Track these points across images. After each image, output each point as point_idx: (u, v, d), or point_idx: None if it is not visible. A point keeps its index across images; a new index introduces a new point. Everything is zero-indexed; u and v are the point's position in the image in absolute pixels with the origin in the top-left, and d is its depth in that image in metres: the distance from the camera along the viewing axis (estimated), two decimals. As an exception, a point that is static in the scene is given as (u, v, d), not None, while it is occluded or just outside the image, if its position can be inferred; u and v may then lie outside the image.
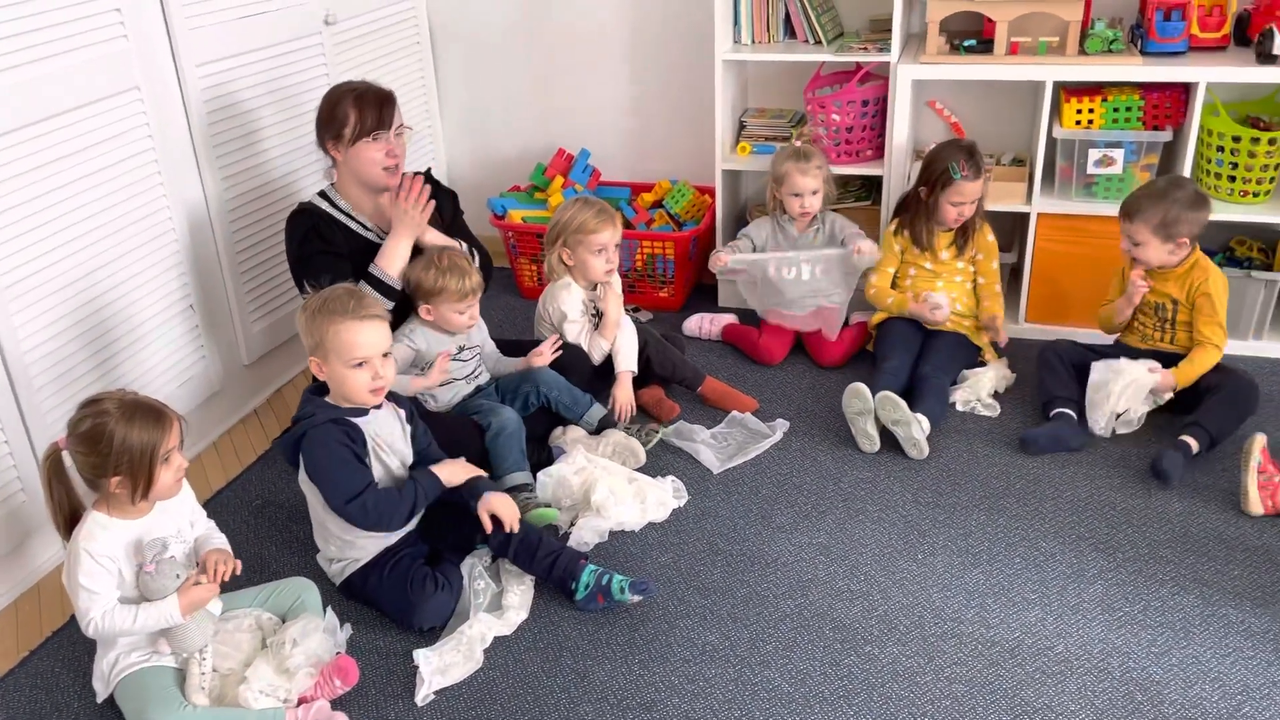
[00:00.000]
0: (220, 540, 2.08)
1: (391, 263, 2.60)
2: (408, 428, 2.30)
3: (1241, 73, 2.86)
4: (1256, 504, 2.41)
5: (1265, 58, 2.82)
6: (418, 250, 2.66)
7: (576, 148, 3.82)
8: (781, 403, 3.00)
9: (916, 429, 2.66)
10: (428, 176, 2.75)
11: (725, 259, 3.18)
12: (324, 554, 2.30)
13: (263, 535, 2.55)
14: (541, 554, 2.25)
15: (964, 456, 2.71)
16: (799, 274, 3.17)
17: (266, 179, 3.04)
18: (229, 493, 2.72)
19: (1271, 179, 2.99)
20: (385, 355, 2.17)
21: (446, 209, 2.85)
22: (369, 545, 2.23)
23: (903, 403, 2.68)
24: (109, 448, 1.84)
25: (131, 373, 2.62)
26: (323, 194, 2.71)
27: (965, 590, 2.26)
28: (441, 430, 2.42)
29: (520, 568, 2.29)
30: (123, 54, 2.51)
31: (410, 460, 2.29)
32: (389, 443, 2.23)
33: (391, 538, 2.25)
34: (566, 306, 2.87)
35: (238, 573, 1.99)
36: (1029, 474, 2.63)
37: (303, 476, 2.22)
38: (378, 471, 2.20)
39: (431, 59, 3.86)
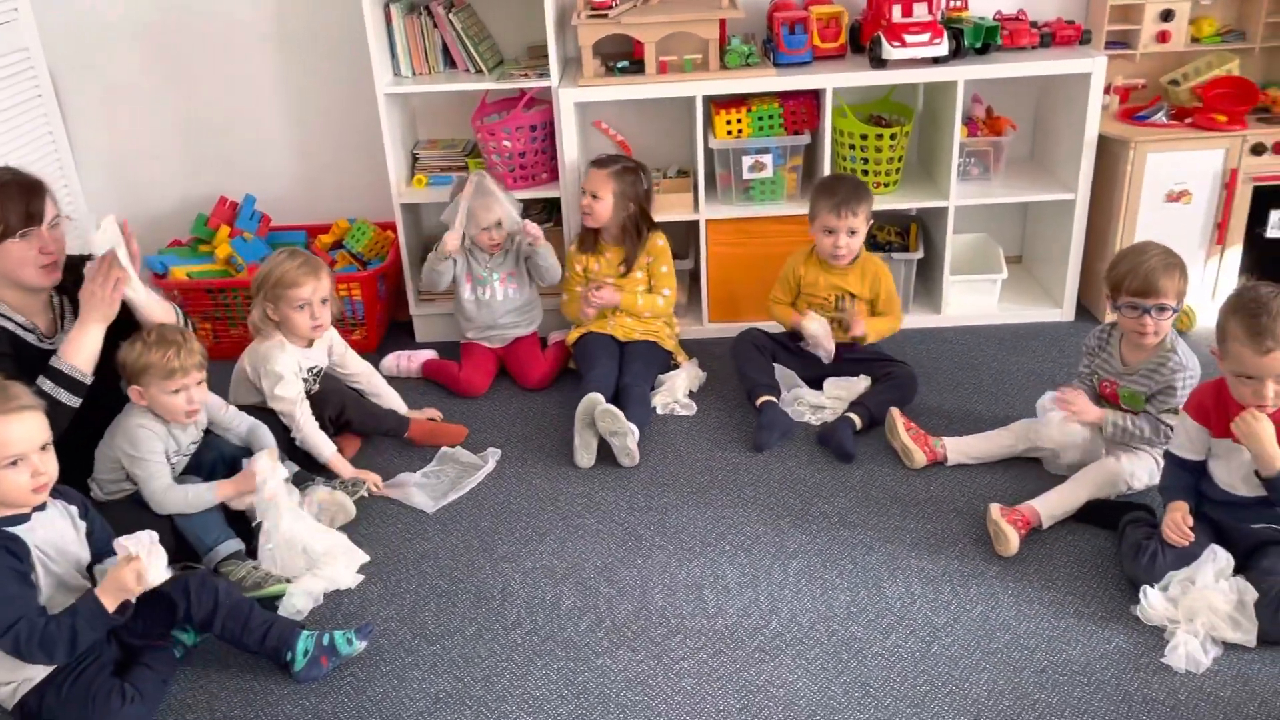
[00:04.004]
0: None
1: (79, 352, 2.27)
2: (81, 525, 2.06)
3: (859, 77, 3.18)
4: (919, 455, 2.69)
5: (877, 62, 3.15)
6: (127, 322, 2.39)
7: (240, 194, 3.61)
8: (491, 431, 2.98)
9: (630, 439, 2.75)
10: None
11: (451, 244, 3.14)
12: (-11, 676, 2.02)
13: (-91, 674, 2.20)
14: (254, 622, 2.10)
15: (669, 457, 2.82)
16: (494, 294, 3.19)
17: None
18: None
19: (898, 170, 3.35)
20: (44, 448, 1.93)
21: None
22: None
23: (621, 414, 2.75)
24: None
25: None
26: None
27: (684, 586, 2.35)
28: (121, 522, 2.16)
29: (229, 642, 2.11)
30: None
31: (86, 562, 2.04)
32: (59, 547, 1.98)
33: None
34: (280, 367, 2.68)
35: None
36: (728, 464, 2.78)
37: None
38: (47, 584, 1.95)
39: (59, 112, 3.49)
